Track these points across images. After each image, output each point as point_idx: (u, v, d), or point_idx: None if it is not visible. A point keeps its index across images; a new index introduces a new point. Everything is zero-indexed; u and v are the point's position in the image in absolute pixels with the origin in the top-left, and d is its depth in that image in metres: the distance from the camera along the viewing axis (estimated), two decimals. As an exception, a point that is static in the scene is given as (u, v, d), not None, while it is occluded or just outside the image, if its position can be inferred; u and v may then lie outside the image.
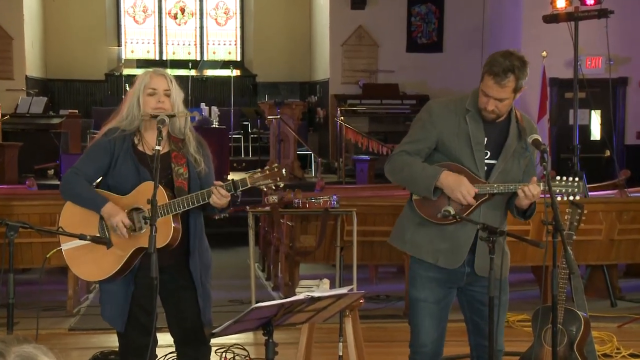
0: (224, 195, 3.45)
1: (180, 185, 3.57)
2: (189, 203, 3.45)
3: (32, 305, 6.53)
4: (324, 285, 4.29)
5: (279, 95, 15.84)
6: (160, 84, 3.59)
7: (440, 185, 3.51)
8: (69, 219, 3.59)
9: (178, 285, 3.62)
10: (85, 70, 16.45)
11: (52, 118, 13.53)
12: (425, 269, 3.63)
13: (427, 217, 3.57)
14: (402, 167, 3.58)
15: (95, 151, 3.60)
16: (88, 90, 16.72)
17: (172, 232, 3.45)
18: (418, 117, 3.67)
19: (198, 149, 3.66)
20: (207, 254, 3.69)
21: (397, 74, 15.12)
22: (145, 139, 3.63)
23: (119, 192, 3.56)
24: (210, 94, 16.95)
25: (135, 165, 3.56)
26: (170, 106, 3.59)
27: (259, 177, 3.43)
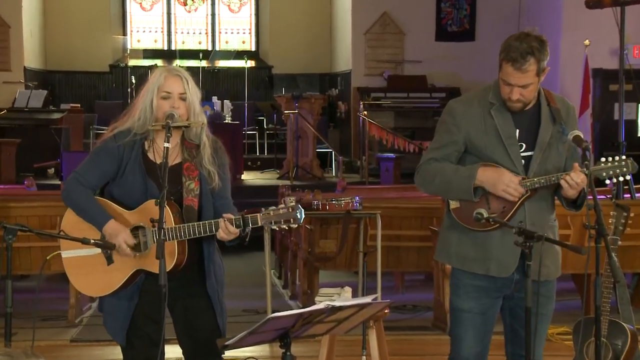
0: (232, 232, 3.46)
1: (190, 204, 3.57)
2: (194, 232, 3.46)
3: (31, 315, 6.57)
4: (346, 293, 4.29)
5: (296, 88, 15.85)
6: (176, 87, 3.58)
7: (480, 182, 3.49)
8: (72, 223, 3.61)
9: (188, 293, 3.64)
10: (88, 61, 16.54)
11: (52, 113, 13.60)
12: (470, 276, 3.62)
13: (468, 226, 3.56)
14: (434, 175, 3.57)
15: (101, 156, 3.60)
16: (91, 83, 16.81)
17: (175, 258, 3.48)
18: (441, 121, 3.67)
19: (213, 159, 3.65)
20: (220, 271, 3.72)
21: (425, 65, 15.07)
22: (157, 145, 3.63)
23: (124, 203, 3.57)
24: (222, 87, 16.99)
25: (143, 178, 3.56)
26: (186, 111, 3.58)
27: (271, 216, 3.44)
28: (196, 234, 3.47)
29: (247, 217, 3.45)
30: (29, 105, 13.61)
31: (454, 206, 3.60)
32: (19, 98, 13.79)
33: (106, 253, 3.55)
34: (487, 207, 3.51)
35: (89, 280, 3.60)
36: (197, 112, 3.61)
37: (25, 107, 13.58)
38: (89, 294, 3.77)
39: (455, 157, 3.61)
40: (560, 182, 3.46)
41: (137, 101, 3.64)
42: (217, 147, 3.70)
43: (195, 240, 3.54)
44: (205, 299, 3.64)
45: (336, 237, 6.99)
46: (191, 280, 3.64)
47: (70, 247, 3.59)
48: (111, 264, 3.56)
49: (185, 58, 17.05)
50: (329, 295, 4.39)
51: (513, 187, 3.46)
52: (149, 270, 3.51)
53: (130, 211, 3.55)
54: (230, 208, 3.63)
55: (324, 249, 7.06)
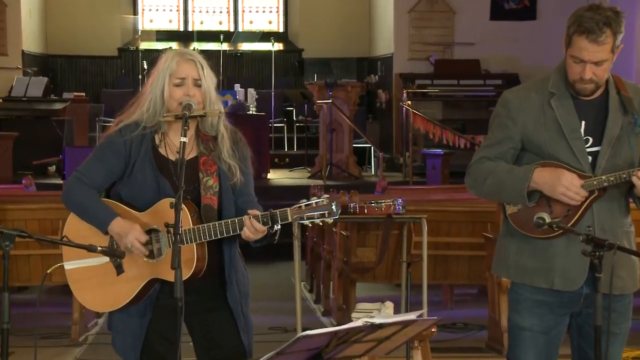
0: (258, 230, 3.47)
1: (208, 203, 3.58)
2: (216, 232, 3.48)
3: (30, 332, 6.63)
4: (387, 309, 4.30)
5: (330, 74, 15.84)
6: (189, 72, 3.60)
7: (536, 185, 3.48)
8: (76, 229, 3.63)
9: (208, 307, 3.65)
10: (94, 44, 16.65)
11: (53, 103, 13.71)
12: (532, 290, 3.60)
13: (528, 233, 3.54)
14: (485, 176, 3.56)
15: (106, 153, 3.62)
16: (97, 69, 16.93)
17: (195, 263, 3.49)
18: (494, 114, 3.66)
19: (233, 152, 3.66)
20: (244, 280, 3.73)
21: (478, 47, 15.00)
22: (169, 139, 3.65)
23: (134, 205, 3.59)
24: (246, 73, 17.03)
25: (155, 176, 3.58)
26: (202, 99, 3.60)
27: (303, 210, 3.46)
28: (217, 235, 3.48)
29: (275, 213, 3.47)
30: (28, 94, 13.73)
31: (511, 211, 3.59)
32: (16, 86, 13.91)
33: (115, 261, 3.56)
34: (549, 210, 3.49)
35: (96, 293, 3.62)
36: (214, 100, 3.63)
37: (23, 96, 13.70)
38: (96, 309, 3.79)
39: (512, 156, 3.59)
40: (632, 180, 3.43)
41: (144, 90, 3.66)
42: (237, 139, 3.72)
43: (215, 244, 3.56)
44: (227, 312, 3.65)
45: (375, 244, 6.98)
46: (210, 291, 3.65)
47: (74, 256, 3.61)
48: (121, 274, 3.57)
49: (203, 40, 17.12)
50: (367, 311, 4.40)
51: (574, 190, 3.44)
52: (164, 279, 3.51)
53: (140, 213, 3.56)
54: (255, 206, 3.64)
55: (362, 258, 7.06)
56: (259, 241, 3.56)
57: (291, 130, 15.39)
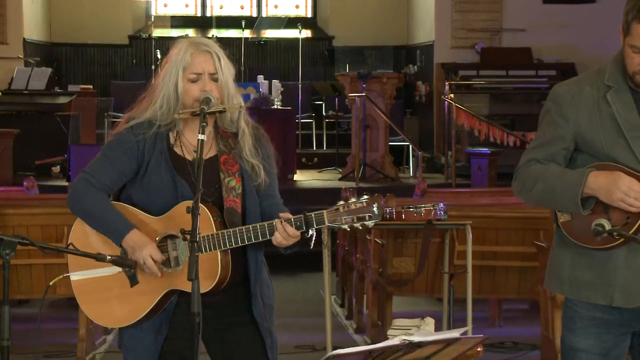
0: (291, 235, 3.48)
1: (231, 206, 3.59)
2: (243, 238, 3.48)
3: (32, 350, 6.68)
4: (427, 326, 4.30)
5: (364, 64, 15.85)
6: (206, 65, 3.61)
7: (590, 190, 3.46)
8: (83, 235, 3.63)
9: (229, 323, 3.66)
10: (103, 31, 16.74)
11: (58, 96, 13.80)
12: (588, 307, 3.59)
13: (584, 243, 3.53)
14: (534, 180, 3.55)
15: (116, 153, 3.63)
16: (106, 59, 17.02)
17: (219, 272, 3.49)
18: (544, 110, 3.64)
19: (256, 150, 3.68)
20: (269, 292, 3.74)
21: (529, 34, 14.96)
22: (185, 138, 3.66)
23: (148, 209, 3.60)
24: (270, 64, 17.06)
25: (171, 177, 3.59)
26: (219, 93, 3.61)
27: (341, 212, 3.46)
28: (245, 241, 3.48)
29: (310, 216, 3.47)
30: (29, 86, 13.81)
31: (564, 219, 3.57)
32: (17, 78, 13.99)
33: (128, 272, 3.57)
34: (607, 217, 3.47)
35: (107, 307, 3.62)
36: (232, 94, 3.64)
37: (24, 89, 13.78)
38: (108, 324, 3.79)
39: (563, 157, 3.58)
40: None
41: (156, 84, 3.67)
42: (259, 135, 3.73)
43: (239, 251, 3.56)
44: (252, 327, 3.66)
45: (414, 254, 6.98)
46: (233, 304, 3.66)
47: (81, 265, 3.61)
48: (135, 285, 3.57)
49: (223, 27, 17.17)
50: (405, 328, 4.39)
51: (633, 195, 3.41)
52: (183, 290, 3.51)
53: (156, 218, 3.57)
54: (281, 208, 3.65)
55: (399, 269, 7.05)
56: (291, 247, 3.56)
57: (320, 127, 15.41)
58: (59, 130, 12.60)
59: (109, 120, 13.09)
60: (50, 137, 12.81)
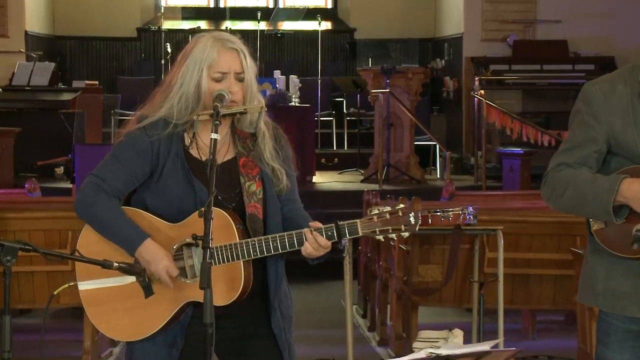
0: (322, 245, 3.47)
1: (253, 212, 3.58)
2: (269, 248, 3.46)
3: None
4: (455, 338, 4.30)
5: (388, 58, 15.86)
6: (232, 64, 3.59)
7: (623, 199, 3.44)
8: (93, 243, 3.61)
9: (246, 334, 3.66)
10: (109, 23, 16.79)
11: (61, 92, 13.82)
12: (624, 320, 3.58)
13: (619, 253, 3.52)
14: (565, 186, 3.54)
15: (128, 153, 3.60)
16: (113, 53, 17.07)
17: (242, 284, 3.49)
18: (574, 111, 3.63)
19: (277, 153, 3.67)
20: (287, 301, 3.75)
21: (565, 26, 14.92)
22: (201, 140, 3.65)
23: (163, 215, 3.59)
24: (287, 58, 17.07)
25: (189, 181, 3.58)
26: (243, 95, 3.60)
27: (375, 222, 3.45)
28: (272, 251, 3.47)
29: (342, 226, 3.45)
30: (32, 82, 13.86)
31: (597, 227, 3.55)
32: (19, 73, 14.04)
33: (143, 282, 3.55)
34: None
35: (120, 319, 3.60)
36: (255, 93, 3.64)
37: (26, 85, 13.83)
38: (120, 338, 3.77)
39: (596, 160, 3.56)
40: None
41: (171, 80, 3.65)
42: (279, 136, 3.73)
43: (257, 260, 3.55)
44: (270, 339, 3.66)
45: (442, 261, 6.97)
46: (251, 314, 3.66)
47: (90, 274, 3.60)
48: (151, 296, 3.56)
49: (237, 19, 17.20)
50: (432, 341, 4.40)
51: None
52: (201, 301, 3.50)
53: (172, 224, 3.56)
54: (303, 214, 3.65)
55: (425, 277, 7.05)
56: (319, 258, 3.55)
57: (341, 125, 15.41)
58: (63, 129, 12.62)
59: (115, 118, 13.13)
60: (53, 137, 12.83)
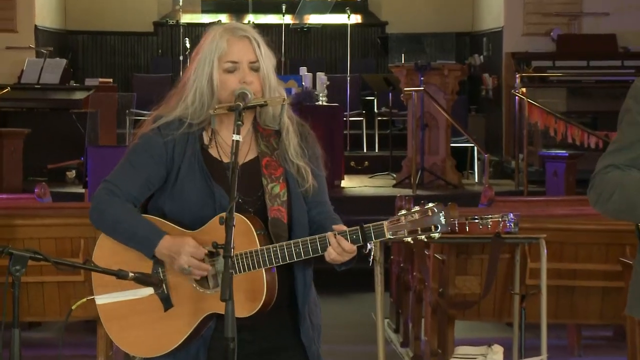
0: (347, 250, 3.46)
1: (276, 216, 3.57)
2: (291, 254, 3.47)
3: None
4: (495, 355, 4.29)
5: (422, 54, 15.85)
6: (244, 53, 3.61)
7: None
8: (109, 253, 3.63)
9: (272, 347, 3.66)
10: (124, 17, 16.84)
11: (73, 91, 13.88)
12: None
13: None
14: (612, 189, 3.53)
15: (142, 157, 3.63)
16: (128, 49, 17.13)
17: (265, 294, 3.48)
18: (624, 109, 3.61)
19: (302, 150, 3.67)
20: (316, 310, 3.75)
21: (613, 19, 14.88)
22: (221, 137, 3.66)
23: (181, 222, 3.59)
24: (314, 54, 17.08)
25: (207, 184, 3.59)
26: (260, 85, 3.61)
27: (403, 223, 3.44)
28: (294, 257, 3.47)
29: (367, 228, 3.44)
30: (42, 80, 13.90)
31: None
32: (28, 70, 14.08)
33: (162, 293, 3.57)
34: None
35: (139, 334, 3.61)
36: (274, 85, 3.64)
37: (36, 82, 13.88)
38: (140, 354, 3.77)
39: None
40: None
41: (185, 78, 3.67)
42: (305, 133, 3.73)
43: (284, 268, 3.55)
44: (298, 352, 3.66)
45: (480, 272, 6.96)
46: (278, 326, 3.65)
47: (107, 286, 3.62)
48: (170, 309, 3.57)
49: (261, 12, 17.22)
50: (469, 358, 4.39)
51: None
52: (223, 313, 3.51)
53: (191, 232, 3.56)
54: (333, 217, 3.64)
55: (462, 289, 7.04)
56: (346, 263, 3.54)
57: (371, 126, 15.41)
58: (75, 130, 12.67)
59: (131, 119, 13.19)
60: (64, 138, 12.88)
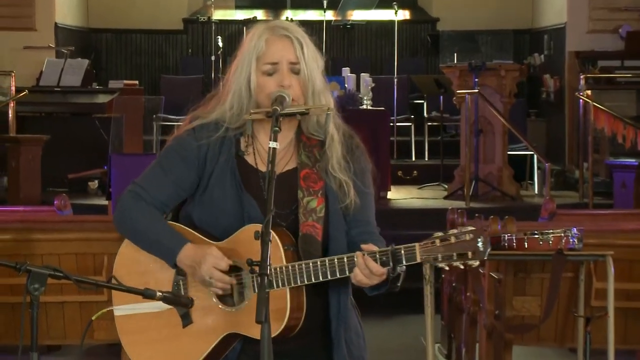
0: (375, 272, 3.45)
1: (309, 232, 3.58)
2: (317, 274, 3.47)
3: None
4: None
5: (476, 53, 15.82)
6: (284, 53, 3.62)
7: None
8: (130, 263, 3.69)
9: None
10: (152, 14, 16.93)
11: (96, 94, 13.93)
12: None
13: None
14: None
15: (173, 160, 3.66)
16: (155, 48, 17.21)
17: (287, 315, 3.49)
18: None
19: (346, 163, 3.68)
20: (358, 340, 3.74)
21: (687, 14, 14.83)
22: (259, 144, 3.68)
23: (209, 232, 3.62)
24: (358, 53, 17.11)
25: (238, 193, 3.61)
26: (301, 90, 3.62)
27: (437, 247, 3.43)
28: (317, 278, 3.47)
29: (398, 250, 3.44)
30: (62, 82, 13.97)
31: None
32: (47, 71, 14.15)
33: (181, 309, 3.60)
34: None
35: (154, 351, 3.66)
36: (319, 90, 3.65)
37: (55, 85, 13.94)
38: None
39: None
40: None
41: (226, 81, 3.70)
42: (352, 145, 3.74)
43: (319, 288, 3.56)
44: None
45: (540, 292, 6.94)
46: (310, 353, 3.67)
47: (127, 299, 3.66)
48: (189, 326, 3.61)
49: (300, 7, 17.29)
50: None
51: None
52: (247, 335, 3.52)
53: (218, 243, 3.58)
54: (375, 239, 3.63)
55: (521, 311, 7.02)
56: (377, 288, 3.55)
57: (421, 132, 15.40)
58: (98, 137, 12.72)
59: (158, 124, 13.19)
60: (86, 145, 12.93)
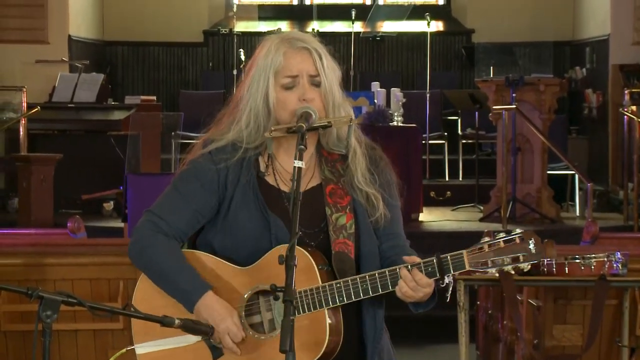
0: (421, 285, 3.45)
1: (342, 249, 3.58)
2: (357, 292, 3.47)
3: None
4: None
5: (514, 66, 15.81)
6: (303, 66, 3.63)
7: None
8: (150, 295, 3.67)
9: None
10: (170, 26, 16.97)
11: (111, 111, 13.94)
12: None
13: None
14: None
15: (192, 185, 3.66)
16: (174, 62, 17.25)
17: (326, 339, 3.48)
18: None
19: (372, 175, 3.69)
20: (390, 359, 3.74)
21: None
22: (278, 164, 3.69)
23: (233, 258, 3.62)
24: (388, 67, 17.11)
25: (263, 215, 3.61)
26: (322, 103, 3.63)
27: (486, 252, 3.44)
28: (360, 295, 3.47)
29: (445, 258, 3.45)
30: (76, 98, 14.01)
31: None
32: (60, 87, 14.18)
33: (209, 341, 3.58)
34: None
35: None
36: (339, 102, 3.66)
37: (69, 101, 13.98)
38: None
39: None
40: None
41: (238, 97, 3.70)
42: (376, 157, 3.75)
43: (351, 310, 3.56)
44: None
45: (582, 320, 6.93)
46: None
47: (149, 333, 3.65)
48: (219, 358, 3.60)
49: (327, 19, 17.29)
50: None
51: None
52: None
53: (243, 269, 3.58)
54: (409, 253, 3.63)
55: (561, 340, 7.00)
56: (425, 304, 3.55)
57: (455, 150, 15.40)
58: (113, 155, 12.74)
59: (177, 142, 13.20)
60: (101, 164, 12.98)
